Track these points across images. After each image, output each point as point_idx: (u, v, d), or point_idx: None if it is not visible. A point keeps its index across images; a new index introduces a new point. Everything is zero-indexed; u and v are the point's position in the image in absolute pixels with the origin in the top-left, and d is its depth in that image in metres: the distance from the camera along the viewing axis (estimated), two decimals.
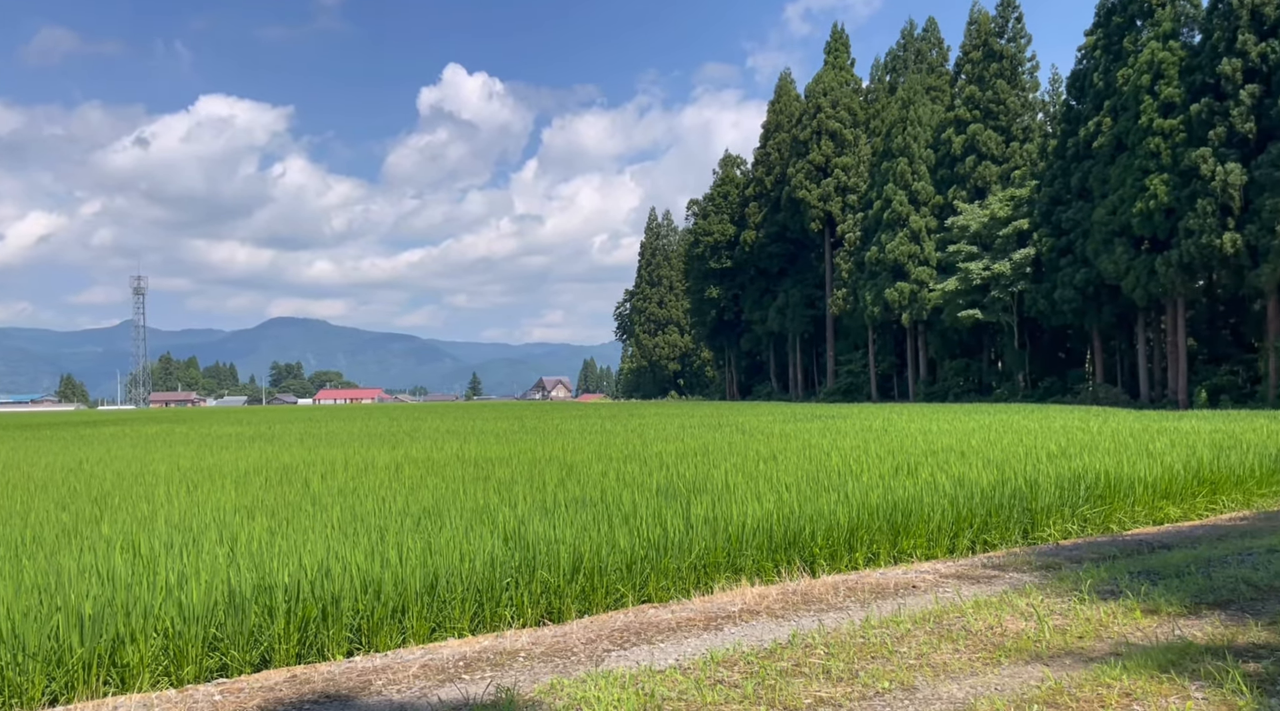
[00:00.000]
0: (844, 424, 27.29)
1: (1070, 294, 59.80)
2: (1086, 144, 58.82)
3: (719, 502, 9.52)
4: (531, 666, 4.80)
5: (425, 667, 4.86)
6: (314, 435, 27.14)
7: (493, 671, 4.72)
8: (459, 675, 4.70)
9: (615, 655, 4.92)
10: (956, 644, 4.84)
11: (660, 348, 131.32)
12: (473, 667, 4.82)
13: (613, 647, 5.09)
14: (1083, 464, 12.07)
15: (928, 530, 9.55)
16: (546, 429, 27.94)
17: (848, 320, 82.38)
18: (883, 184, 74.58)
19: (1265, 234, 47.64)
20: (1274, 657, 4.39)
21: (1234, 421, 26.66)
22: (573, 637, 5.40)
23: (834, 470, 12.39)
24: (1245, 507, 12.53)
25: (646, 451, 16.22)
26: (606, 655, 4.92)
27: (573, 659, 4.88)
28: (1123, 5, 58.47)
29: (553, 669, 4.72)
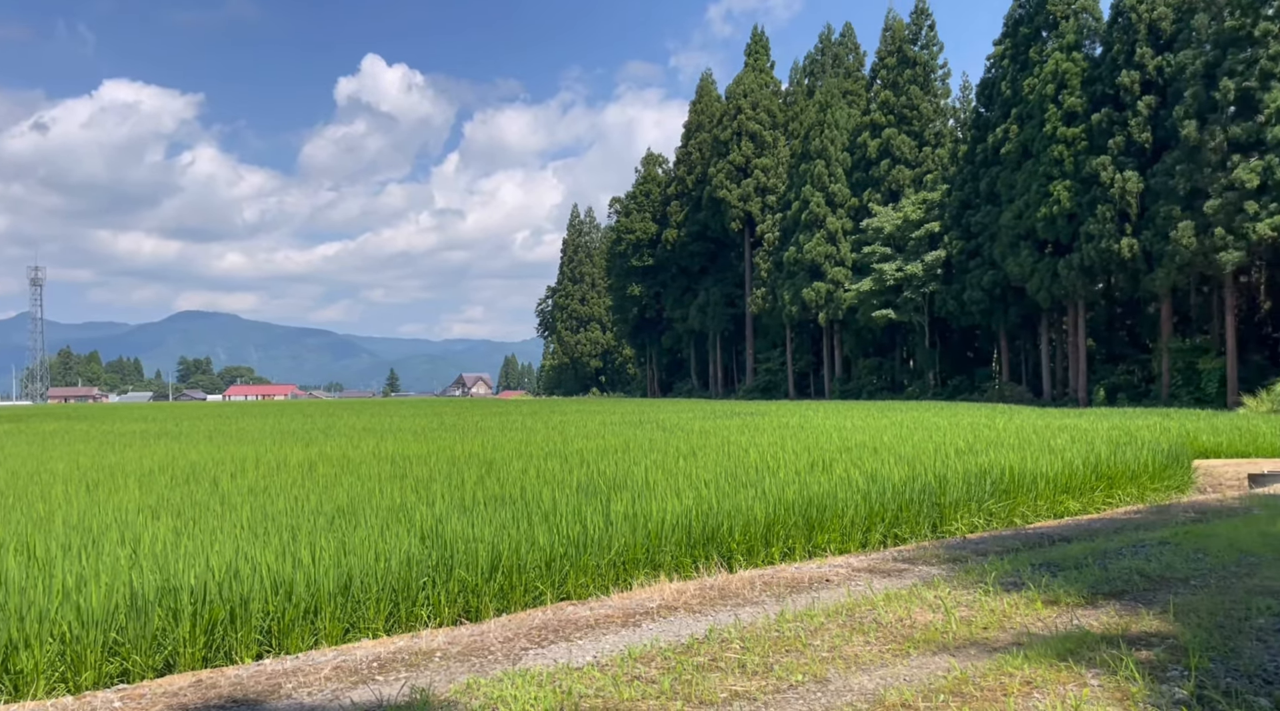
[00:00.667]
0: (762, 421, 27.69)
1: (978, 295, 61.77)
2: (995, 150, 60.81)
3: (639, 499, 9.56)
4: (448, 666, 4.75)
5: (338, 669, 4.77)
6: (224, 432, 26.31)
7: (408, 672, 4.65)
8: (372, 676, 4.62)
9: (533, 653, 4.90)
10: (868, 636, 4.96)
11: (582, 345, 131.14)
12: (387, 668, 4.74)
13: (531, 646, 5.07)
14: (989, 460, 12.49)
15: (842, 525, 9.77)
16: (466, 426, 27.64)
17: (767, 319, 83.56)
18: (801, 185, 75.83)
19: (1160, 240, 49.97)
20: (1165, 645, 4.60)
21: (1130, 418, 27.95)
22: (490, 636, 5.36)
23: (752, 466, 12.56)
24: (1139, 501, 13.15)
25: (567, 448, 16.18)
26: (524, 653, 4.90)
27: (490, 658, 4.85)
28: (1029, 17, 60.63)
29: (469, 668, 4.68)
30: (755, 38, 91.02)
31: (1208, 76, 48.78)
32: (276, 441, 20.44)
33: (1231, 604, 5.39)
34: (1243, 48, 47.42)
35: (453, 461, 13.71)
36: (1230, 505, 10.64)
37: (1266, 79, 46.43)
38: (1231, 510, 10.13)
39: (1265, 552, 7.05)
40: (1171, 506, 11.01)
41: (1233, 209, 46.26)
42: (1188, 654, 4.42)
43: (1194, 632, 4.79)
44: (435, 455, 15.05)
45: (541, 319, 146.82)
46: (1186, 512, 10.03)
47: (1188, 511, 10.17)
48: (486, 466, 12.96)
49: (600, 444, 17.29)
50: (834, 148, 74.67)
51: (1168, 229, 49.18)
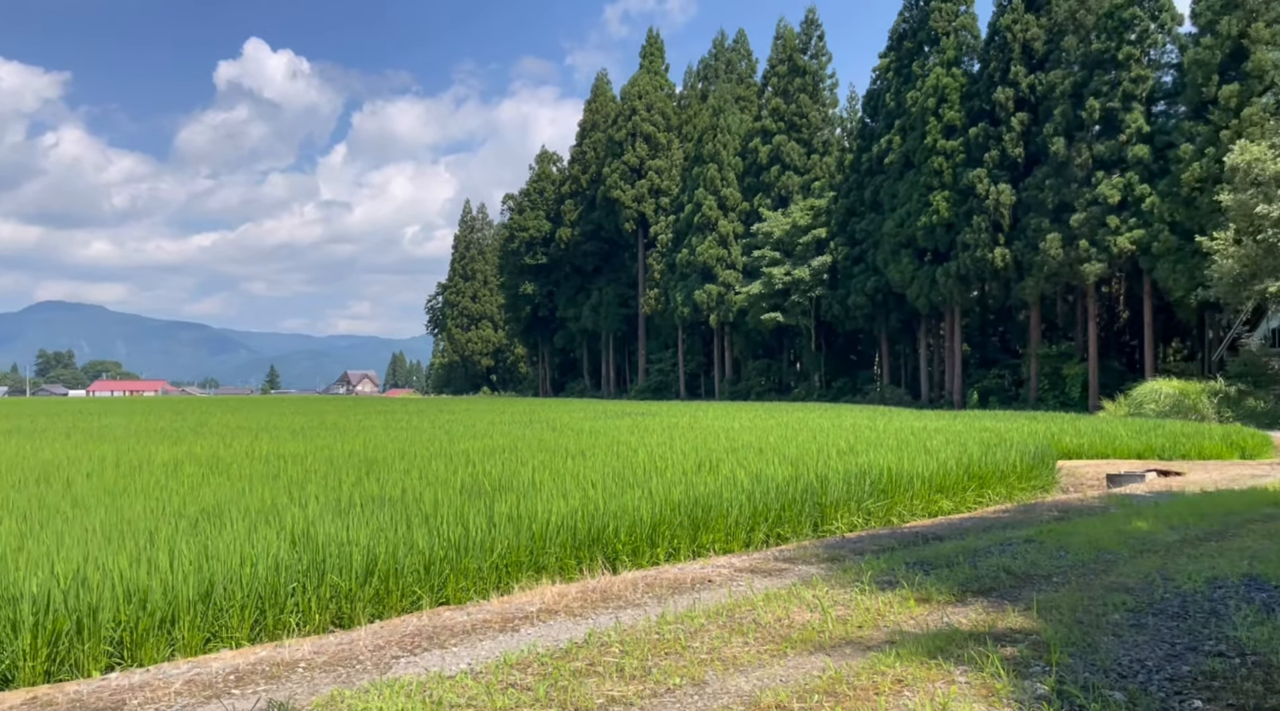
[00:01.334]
0: (653, 421, 27.80)
1: (862, 300, 63.69)
2: (879, 160, 62.82)
3: (524, 500, 9.40)
4: (311, 677, 4.51)
5: (190, 683, 4.47)
6: (84, 430, 24.78)
7: (267, 684, 4.40)
8: (228, 690, 4.35)
9: (404, 661, 4.71)
10: (746, 637, 4.96)
11: (473, 343, 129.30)
12: (245, 681, 4.47)
13: (403, 654, 4.87)
14: (868, 460, 12.81)
15: (726, 525, 9.83)
16: (348, 425, 26.82)
17: (659, 320, 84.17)
18: (694, 188, 76.68)
19: (1029, 250, 52.54)
20: (1028, 642, 4.75)
21: (1000, 421, 29.22)
22: (360, 644, 5.13)
23: (640, 467, 12.55)
24: (1008, 500, 13.72)
25: (453, 448, 15.85)
26: (395, 662, 4.70)
27: (358, 667, 4.63)
28: (912, 32, 62.87)
29: (335, 679, 4.45)
30: (650, 40, 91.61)
31: (1075, 96, 51.59)
32: (142, 439, 19.36)
33: (1090, 600, 5.62)
34: (1107, 70, 50.35)
35: (331, 461, 13.24)
36: (1090, 504, 11.20)
37: (1128, 100, 49.41)
38: (1091, 509, 10.65)
39: (1121, 550, 7.40)
40: (1037, 505, 11.52)
41: (1096, 223, 49.03)
42: (1049, 650, 4.57)
43: (1056, 628, 4.96)
44: (313, 455, 14.50)
45: (431, 316, 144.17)
46: (1050, 511, 10.50)
47: (1051, 510, 10.65)
48: (367, 466, 12.56)
49: (488, 444, 17.00)
50: (726, 152, 75.77)
51: (1037, 240, 51.75)
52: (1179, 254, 44.61)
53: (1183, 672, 4.40)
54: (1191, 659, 4.60)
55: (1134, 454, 21.96)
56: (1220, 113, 43.29)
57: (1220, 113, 43.29)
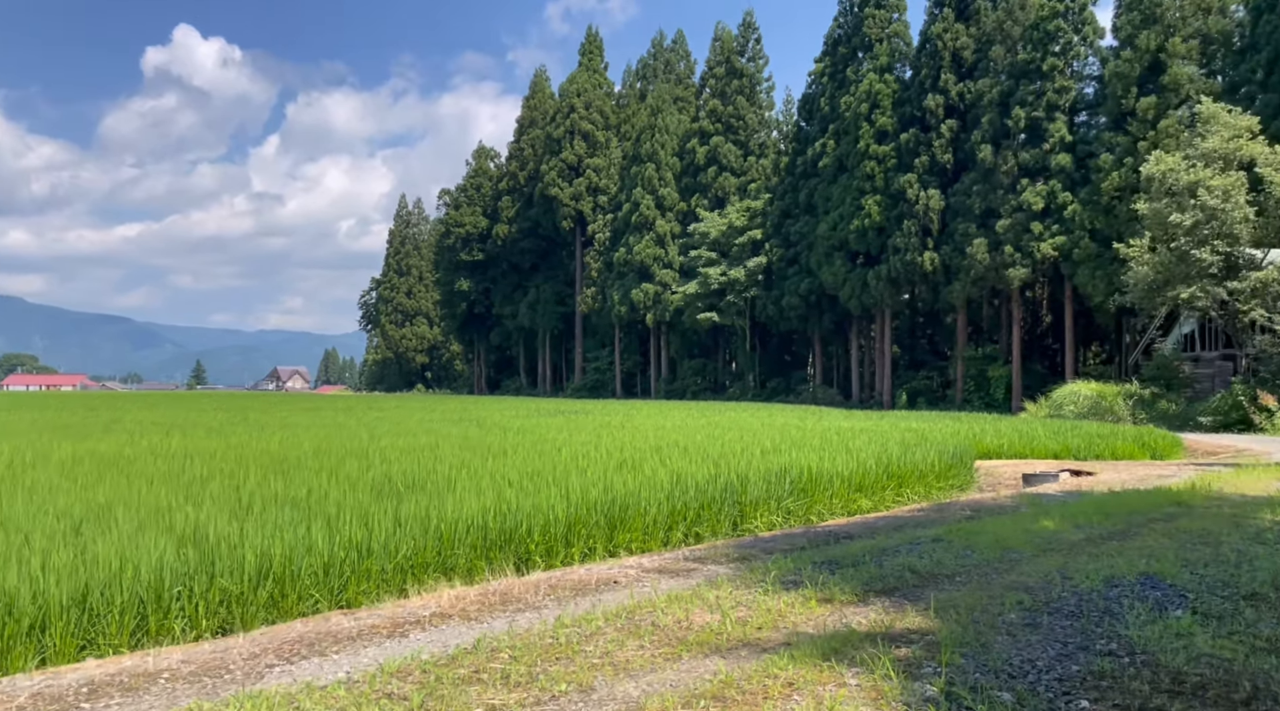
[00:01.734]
0: (585, 419, 27.62)
1: (796, 301, 64.37)
2: (813, 163, 63.55)
3: (435, 500, 9.16)
4: (173, 689, 4.26)
5: (37, 697, 4.18)
6: None
7: (122, 697, 4.13)
8: (77, 704, 4.07)
9: (279, 670, 4.48)
10: (643, 640, 4.85)
11: (408, 339, 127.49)
12: (98, 694, 4.19)
13: (279, 662, 4.64)
14: (790, 459, 12.83)
15: (644, 524, 9.72)
16: (270, 422, 26.11)
17: (596, 318, 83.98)
18: (632, 187, 76.66)
19: (957, 255, 53.65)
20: (923, 642, 4.71)
21: (925, 421, 29.72)
22: (235, 652, 4.87)
23: (562, 466, 12.37)
24: (925, 499, 13.89)
25: (372, 446, 15.47)
26: (269, 671, 4.47)
27: (226, 677, 4.39)
28: (846, 37, 63.74)
29: (198, 691, 4.21)
30: (590, 38, 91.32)
31: (1002, 104, 52.84)
32: (44, 435, 18.54)
33: (989, 599, 5.63)
34: (1033, 80, 51.65)
35: (241, 459, 12.79)
36: (1003, 503, 11.37)
37: (1052, 110, 50.76)
38: (1003, 508, 10.80)
39: (1026, 549, 7.48)
40: (951, 504, 11.65)
41: (1020, 229, 50.28)
42: (943, 650, 4.54)
43: (951, 629, 4.94)
44: (224, 453, 14.02)
45: (365, 311, 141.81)
46: (963, 510, 10.62)
47: (965, 509, 10.77)
48: (278, 465, 12.16)
49: (410, 442, 16.65)
50: (664, 152, 75.93)
51: (965, 245, 52.88)
52: (1098, 260, 45.98)
53: (1072, 672, 4.41)
54: (1082, 658, 4.61)
55: (1051, 454, 22.48)
56: (1138, 124, 44.74)
57: (1138, 124, 44.74)
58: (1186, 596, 5.92)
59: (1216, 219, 31.94)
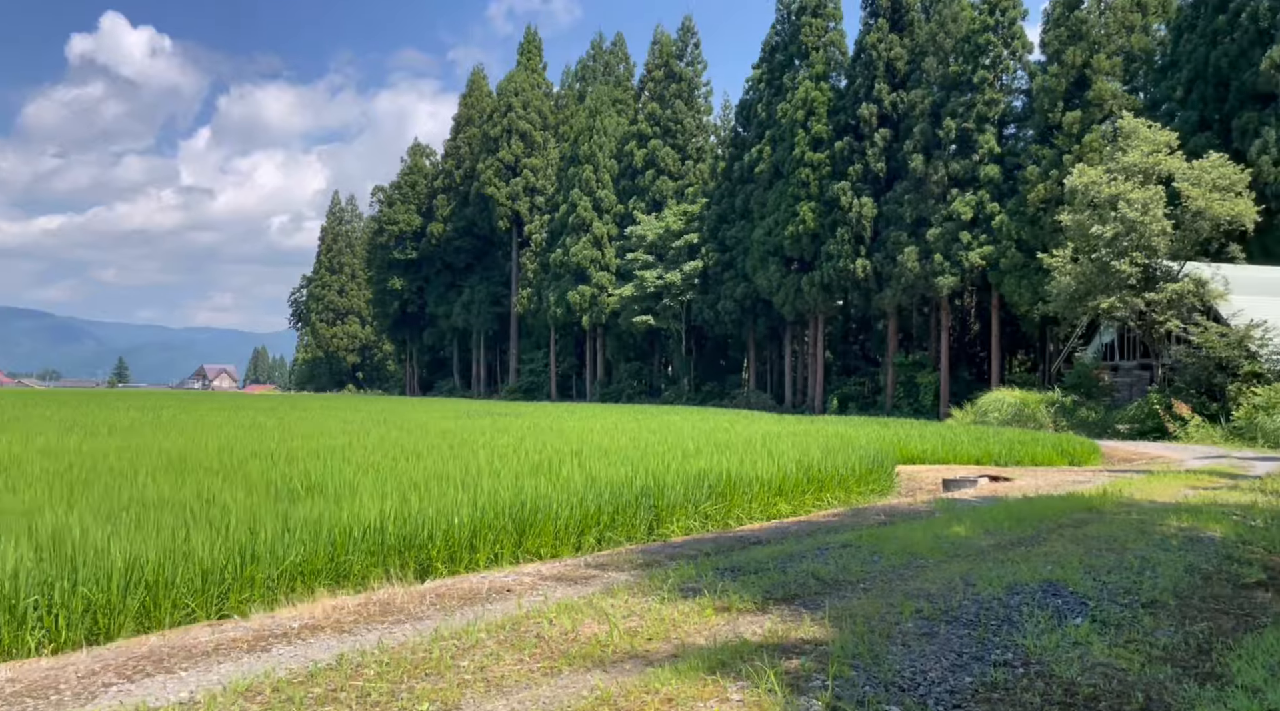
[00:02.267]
0: (514, 422, 27.20)
1: (731, 306, 64.65)
2: (750, 169, 63.92)
3: (335, 503, 8.77)
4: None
5: None
6: None
7: None
8: None
9: (115, 690, 4.10)
10: (523, 653, 4.58)
11: (339, 338, 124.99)
12: None
13: (118, 680, 4.26)
14: (711, 463, 12.67)
15: (554, 529, 9.44)
16: (183, 421, 25.16)
17: (532, 320, 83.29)
18: (569, 189, 76.24)
19: (889, 263, 54.41)
20: (815, 654, 4.53)
21: (853, 426, 29.94)
22: (72, 670, 4.47)
23: (477, 469, 12.03)
24: (845, 504, 13.85)
25: (281, 447, 14.91)
26: (104, 691, 4.09)
27: (53, 699, 4.00)
28: (784, 45, 64.28)
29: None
30: (529, 38, 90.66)
31: (934, 115, 53.78)
32: None
33: (889, 607, 5.49)
34: (964, 92, 52.66)
35: (136, 459, 12.17)
36: (918, 508, 11.35)
37: (982, 122, 51.81)
38: (918, 513, 10.78)
39: (933, 555, 7.39)
40: (868, 509, 11.60)
41: (950, 238, 51.19)
42: (833, 662, 4.36)
43: (845, 638, 4.77)
44: (121, 452, 13.34)
45: (295, 309, 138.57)
46: (879, 515, 10.56)
47: (880, 514, 10.72)
48: (175, 465, 11.59)
49: (323, 443, 16.11)
50: (602, 154, 75.67)
51: (896, 253, 53.65)
52: (1024, 270, 47.02)
53: (964, 684, 4.27)
54: (975, 669, 4.48)
55: (973, 459, 22.77)
56: (1064, 138, 45.90)
57: (1064, 138, 45.90)
58: (1087, 604, 5.86)
59: (1135, 231, 32.82)
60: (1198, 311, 33.21)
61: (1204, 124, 42.27)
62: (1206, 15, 43.14)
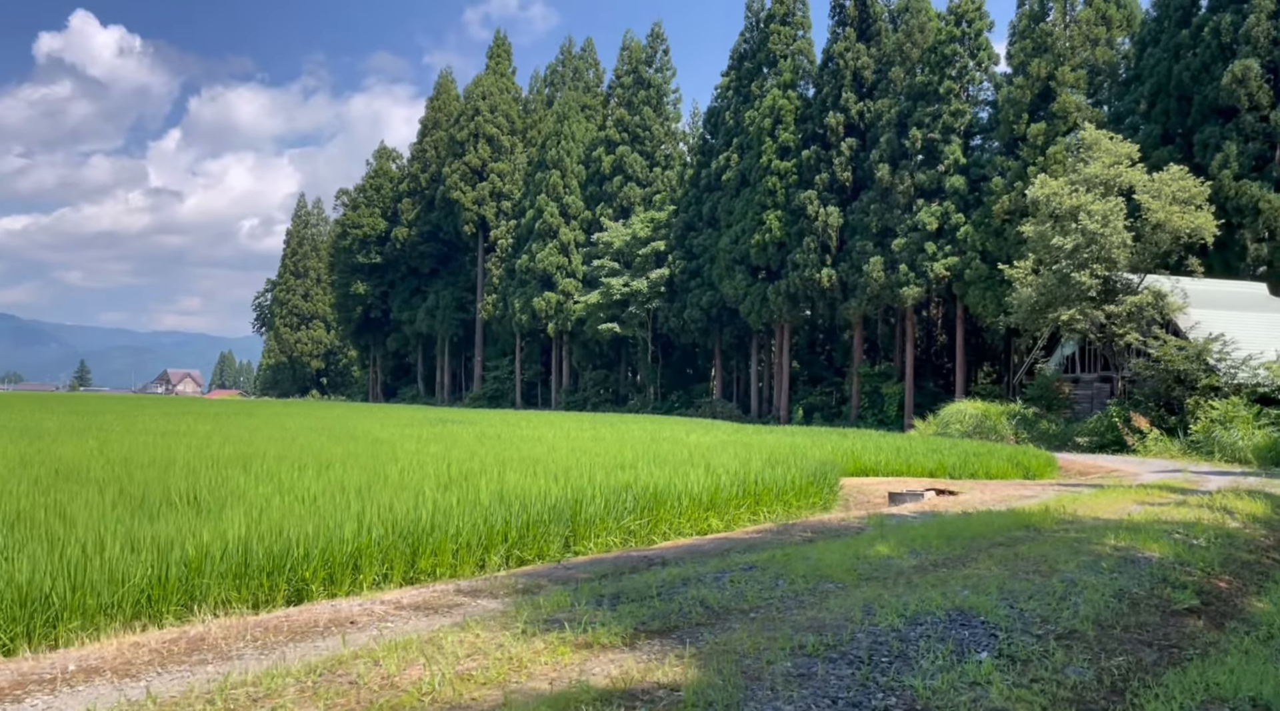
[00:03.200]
0: (459, 429, 26.43)
1: (697, 314, 64.15)
2: (717, 176, 63.54)
3: (205, 518, 8.04)
4: None
5: None
6: None
7: None
8: None
9: None
10: (323, 704, 3.89)
11: (303, 343, 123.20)
12: None
13: None
14: (641, 476, 12.03)
15: (454, 547, 8.75)
16: (113, 427, 24.16)
17: (497, 326, 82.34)
18: (536, 194, 75.52)
19: (854, 272, 54.13)
20: (667, 701, 3.90)
21: (810, 436, 29.41)
22: None
23: (384, 480, 11.31)
24: (785, 517, 13.25)
25: (193, 455, 14.09)
26: None
27: None
28: (752, 53, 64.04)
29: None
30: (498, 42, 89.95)
31: (900, 125, 53.64)
32: None
33: (770, 642, 4.86)
34: (930, 102, 52.55)
35: (21, 469, 11.33)
36: (849, 524, 10.76)
37: (948, 132, 51.73)
38: (847, 529, 10.19)
39: (845, 578, 6.79)
40: (797, 525, 10.99)
41: (915, 248, 51.00)
42: None
43: (707, 682, 4.14)
44: (8, 460, 12.48)
45: (259, 314, 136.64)
46: (805, 532, 9.95)
47: (807, 531, 10.11)
48: (61, 474, 10.78)
49: (238, 450, 15.29)
50: (570, 159, 75.03)
51: (862, 262, 53.38)
52: (988, 281, 46.87)
53: None
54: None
55: (926, 472, 22.29)
56: (1029, 149, 45.85)
57: (1029, 149, 45.85)
58: (997, 635, 5.27)
59: (1096, 243, 32.63)
60: (1157, 324, 33.06)
61: (1166, 137, 42.36)
62: (1170, 30, 43.30)
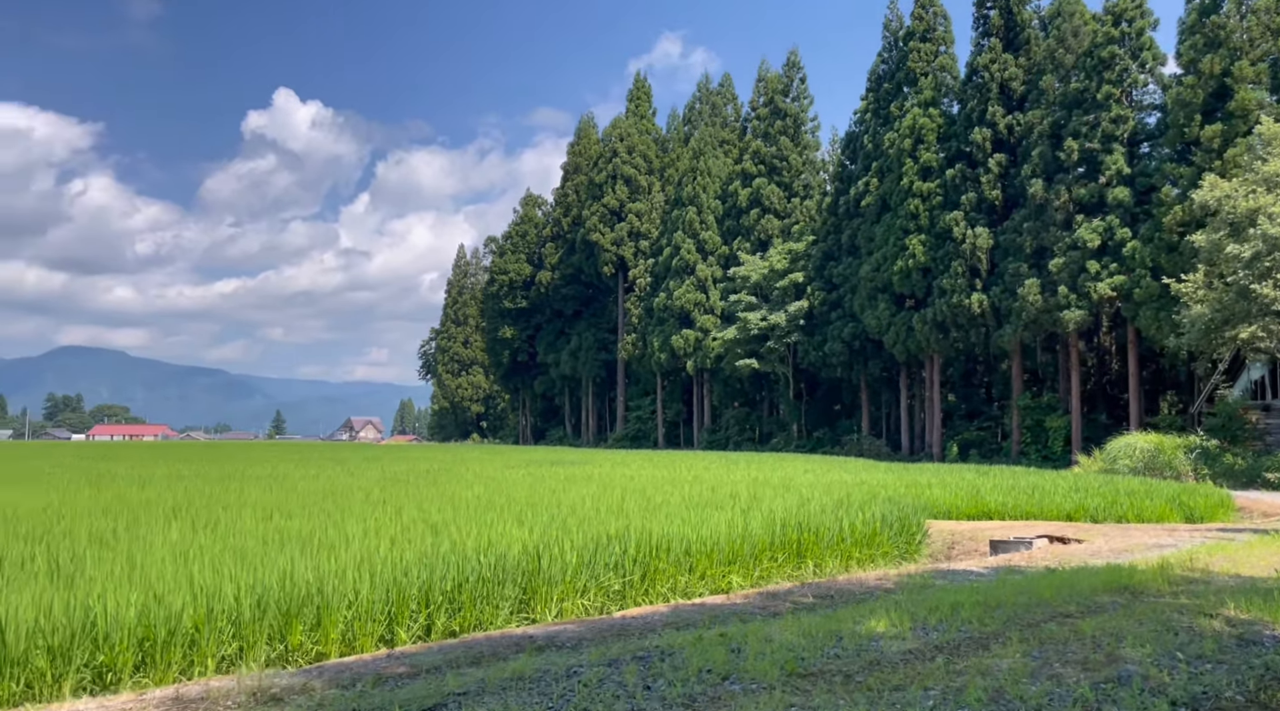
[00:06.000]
0: (552, 471, 25.26)
1: (839, 347, 61.05)
2: (856, 203, 60.64)
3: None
4: None
5: None
6: None
7: None
8: None
9: None
10: None
11: (463, 389, 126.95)
12: None
13: None
14: (633, 523, 10.19)
15: (346, 618, 7.24)
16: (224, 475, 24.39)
17: (637, 366, 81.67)
18: (673, 231, 74.71)
19: (1008, 296, 49.85)
20: None
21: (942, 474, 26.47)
22: None
23: (351, 537, 10.00)
24: (838, 570, 11.05)
25: (237, 499, 13.36)
26: None
27: None
28: (890, 73, 61.09)
29: None
30: (638, 84, 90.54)
31: (1054, 137, 49.32)
32: None
33: None
34: (1087, 110, 48.10)
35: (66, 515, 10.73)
36: (888, 583, 8.52)
37: (1108, 141, 47.08)
38: (877, 589, 7.99)
39: (768, 677, 4.78)
40: (822, 584, 8.80)
41: (1075, 268, 46.40)
42: None
43: None
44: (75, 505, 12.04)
45: (425, 361, 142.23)
46: (806, 596, 7.81)
47: (810, 595, 7.95)
48: (109, 518, 10.10)
49: (262, 498, 14.49)
50: (706, 195, 73.89)
51: (1015, 286, 49.12)
52: (1161, 301, 41.83)
53: None
54: None
55: (1063, 515, 19.21)
56: (1203, 154, 40.87)
57: (1203, 154, 40.87)
58: None
59: (1279, 250, 28.18)
60: None
61: None
62: None
